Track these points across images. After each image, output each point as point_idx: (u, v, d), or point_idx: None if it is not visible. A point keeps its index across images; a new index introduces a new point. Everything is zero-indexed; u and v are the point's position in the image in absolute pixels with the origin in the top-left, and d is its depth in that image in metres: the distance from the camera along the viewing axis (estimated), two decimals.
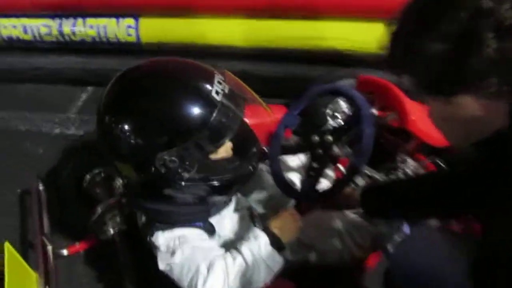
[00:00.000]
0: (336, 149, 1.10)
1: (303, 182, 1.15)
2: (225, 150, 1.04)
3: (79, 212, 1.52)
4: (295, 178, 1.27)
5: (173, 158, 0.94)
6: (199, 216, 1.07)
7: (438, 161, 1.33)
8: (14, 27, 2.25)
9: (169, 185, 1.00)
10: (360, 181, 1.22)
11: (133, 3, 2.09)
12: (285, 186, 1.17)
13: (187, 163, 0.96)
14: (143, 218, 1.09)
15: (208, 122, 0.94)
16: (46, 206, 1.55)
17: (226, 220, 1.15)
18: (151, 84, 0.98)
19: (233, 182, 1.06)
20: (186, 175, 0.97)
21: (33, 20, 2.21)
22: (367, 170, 1.29)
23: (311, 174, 1.13)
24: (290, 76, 1.91)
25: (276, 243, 1.01)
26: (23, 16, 2.22)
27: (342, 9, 1.76)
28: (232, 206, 1.19)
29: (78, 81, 2.30)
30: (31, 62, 2.33)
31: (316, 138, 1.14)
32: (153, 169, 0.95)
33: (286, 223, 1.06)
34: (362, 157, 1.03)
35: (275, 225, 1.04)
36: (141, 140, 0.95)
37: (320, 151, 1.13)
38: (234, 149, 1.06)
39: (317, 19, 1.80)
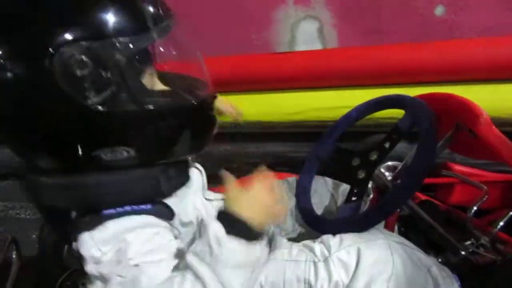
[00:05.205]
0: (382, 169, 0.88)
1: (342, 209, 0.89)
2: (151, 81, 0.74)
3: None
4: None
5: (80, 56, 0.60)
6: (144, 193, 0.71)
7: None
8: None
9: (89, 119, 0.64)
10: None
11: None
12: (317, 221, 0.91)
13: (105, 62, 0.62)
14: (73, 214, 0.72)
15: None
16: None
17: (190, 206, 0.80)
18: None
19: (184, 122, 0.72)
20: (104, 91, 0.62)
21: None
22: None
23: (353, 199, 0.88)
24: None
25: (240, 230, 0.64)
26: None
27: None
28: (198, 188, 0.84)
29: None
30: None
31: (357, 162, 0.93)
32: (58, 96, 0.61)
33: (257, 196, 0.68)
34: (422, 165, 0.79)
35: (237, 202, 0.67)
36: (35, 34, 0.61)
37: (363, 174, 0.90)
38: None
39: None
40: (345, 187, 1.01)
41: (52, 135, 0.67)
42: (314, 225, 0.90)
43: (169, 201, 0.74)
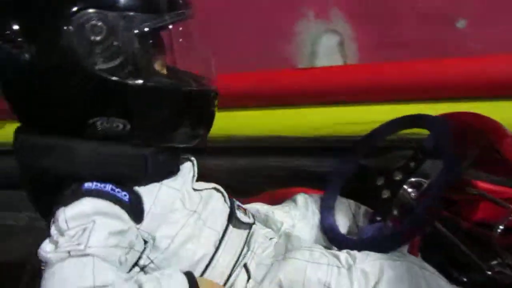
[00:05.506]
0: (406, 187, 0.89)
1: (365, 229, 0.90)
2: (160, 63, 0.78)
3: None
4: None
5: (96, 22, 0.66)
6: (129, 170, 0.73)
7: None
8: None
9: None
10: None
11: None
12: (341, 240, 0.92)
13: (118, 32, 0.67)
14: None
15: None
16: None
17: (166, 191, 0.79)
18: None
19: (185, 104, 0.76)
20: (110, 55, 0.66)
21: None
22: None
23: (377, 219, 0.89)
24: None
25: None
26: None
27: None
28: (187, 179, 0.84)
29: None
30: None
31: (382, 181, 0.94)
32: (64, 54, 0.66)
33: None
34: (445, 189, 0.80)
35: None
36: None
37: (387, 194, 0.91)
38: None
39: None
40: (366, 209, 1.02)
41: (54, 97, 0.71)
42: (337, 243, 0.91)
43: (153, 186, 0.76)
